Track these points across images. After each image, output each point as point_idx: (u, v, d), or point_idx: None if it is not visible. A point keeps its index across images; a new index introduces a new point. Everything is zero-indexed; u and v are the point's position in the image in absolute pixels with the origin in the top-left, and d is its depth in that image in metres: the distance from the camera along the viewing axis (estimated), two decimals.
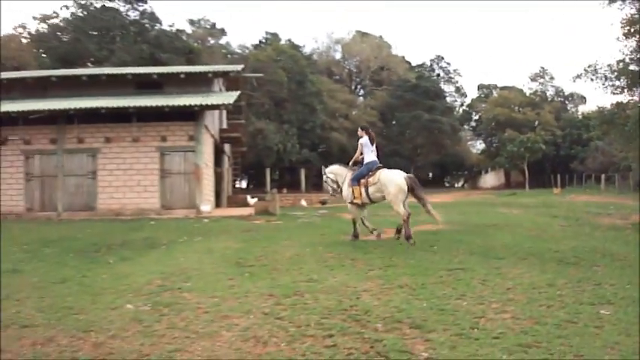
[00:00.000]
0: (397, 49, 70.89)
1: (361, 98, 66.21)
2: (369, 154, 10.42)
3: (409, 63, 69.13)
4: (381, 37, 66.67)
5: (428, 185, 63.13)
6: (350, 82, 66.61)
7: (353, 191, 10.34)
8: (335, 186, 11.07)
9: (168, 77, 22.66)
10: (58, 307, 5.73)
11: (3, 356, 4.31)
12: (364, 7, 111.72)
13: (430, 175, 74.10)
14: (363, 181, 10.23)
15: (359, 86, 68.00)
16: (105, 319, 5.22)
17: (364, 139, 10.50)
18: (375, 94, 61.69)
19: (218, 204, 24.62)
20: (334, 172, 11.13)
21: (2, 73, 25.87)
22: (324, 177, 11.33)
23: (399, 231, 10.10)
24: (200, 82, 22.63)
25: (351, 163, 11.05)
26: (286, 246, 9.93)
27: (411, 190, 9.98)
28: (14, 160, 20.26)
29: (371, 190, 10.13)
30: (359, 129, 11.00)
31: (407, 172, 10.47)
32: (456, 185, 76.28)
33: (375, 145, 10.60)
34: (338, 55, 67.53)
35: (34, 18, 51.06)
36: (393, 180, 9.96)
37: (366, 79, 65.70)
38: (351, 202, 10.52)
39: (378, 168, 10.31)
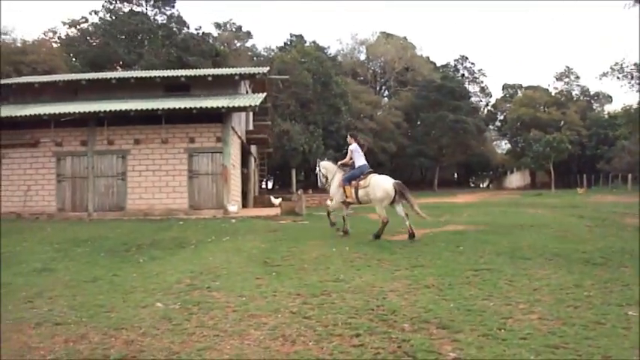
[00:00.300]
0: (422, 50, 70.60)
1: (386, 99, 66.04)
2: (360, 159, 11.24)
3: (434, 63, 68.81)
4: (405, 37, 66.48)
5: (453, 186, 62.87)
6: (374, 83, 66.48)
7: (345, 190, 11.26)
8: (324, 180, 12.12)
9: (195, 80, 22.88)
10: (90, 305, 5.86)
11: (36, 353, 4.41)
12: (388, 8, 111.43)
13: (455, 175, 73.61)
14: (354, 182, 11.10)
15: (383, 87, 67.83)
16: (135, 317, 5.34)
17: (354, 146, 11.34)
18: (400, 94, 61.48)
19: (245, 204, 24.79)
20: (326, 167, 12.10)
21: (34, 77, 26.46)
22: (317, 170, 12.39)
23: (411, 235, 10.38)
24: (227, 85, 22.82)
25: (339, 163, 11.93)
26: (313, 246, 9.97)
27: (400, 194, 10.73)
28: (46, 161, 20.64)
29: (361, 192, 11.01)
30: (348, 136, 11.91)
31: (433, 173, 10.81)
32: (481, 185, 75.70)
33: (364, 150, 11.58)
34: (362, 57, 67.52)
35: (64, 23, 51.89)
36: (382, 185, 10.79)
37: (390, 79, 65.47)
38: (342, 201, 11.49)
39: (369, 172, 11.15)
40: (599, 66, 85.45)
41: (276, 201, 24.22)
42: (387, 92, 67.83)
